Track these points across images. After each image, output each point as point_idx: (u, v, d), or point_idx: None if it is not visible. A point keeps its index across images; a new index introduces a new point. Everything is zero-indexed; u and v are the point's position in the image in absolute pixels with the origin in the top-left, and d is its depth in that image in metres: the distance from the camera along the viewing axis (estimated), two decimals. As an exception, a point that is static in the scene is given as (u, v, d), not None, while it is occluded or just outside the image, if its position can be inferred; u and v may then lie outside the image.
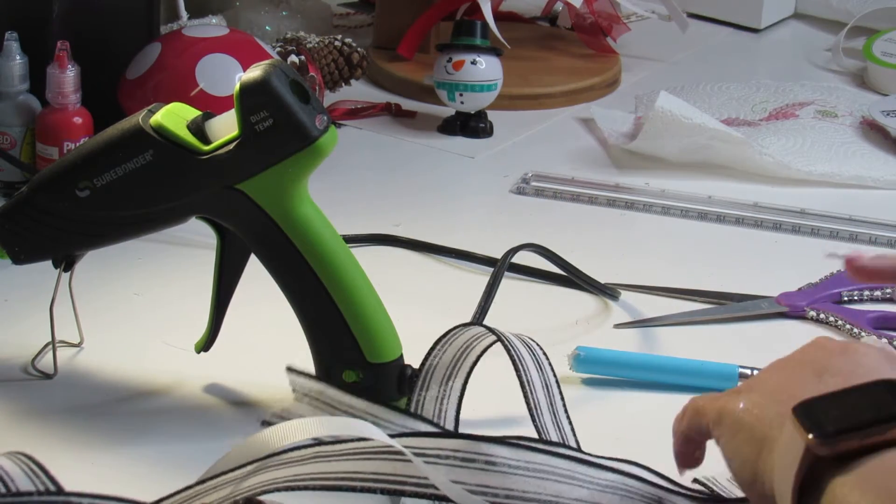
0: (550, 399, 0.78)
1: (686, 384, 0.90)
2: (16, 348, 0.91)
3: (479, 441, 0.66)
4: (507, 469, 0.65)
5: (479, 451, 0.65)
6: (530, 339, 0.82)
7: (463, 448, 0.66)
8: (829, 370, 0.64)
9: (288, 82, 0.80)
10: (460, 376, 0.81)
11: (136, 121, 0.82)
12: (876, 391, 0.60)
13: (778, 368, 0.67)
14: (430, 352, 0.82)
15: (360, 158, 1.26)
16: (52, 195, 0.83)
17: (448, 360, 0.82)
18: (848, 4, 1.62)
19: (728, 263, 1.09)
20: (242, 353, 0.91)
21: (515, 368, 0.78)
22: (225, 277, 0.85)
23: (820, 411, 0.59)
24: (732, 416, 0.65)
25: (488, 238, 1.08)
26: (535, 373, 0.79)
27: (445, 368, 0.81)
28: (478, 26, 1.28)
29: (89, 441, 0.82)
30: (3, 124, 1.11)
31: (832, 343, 0.68)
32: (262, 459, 0.65)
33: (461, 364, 0.81)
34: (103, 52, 1.17)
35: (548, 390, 0.79)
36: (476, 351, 0.81)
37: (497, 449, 0.65)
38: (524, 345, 0.81)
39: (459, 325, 0.83)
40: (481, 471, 0.65)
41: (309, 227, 0.82)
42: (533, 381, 0.78)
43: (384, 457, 0.65)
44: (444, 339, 0.82)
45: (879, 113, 1.30)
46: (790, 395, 0.63)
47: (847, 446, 0.58)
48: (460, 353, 0.82)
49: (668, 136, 1.23)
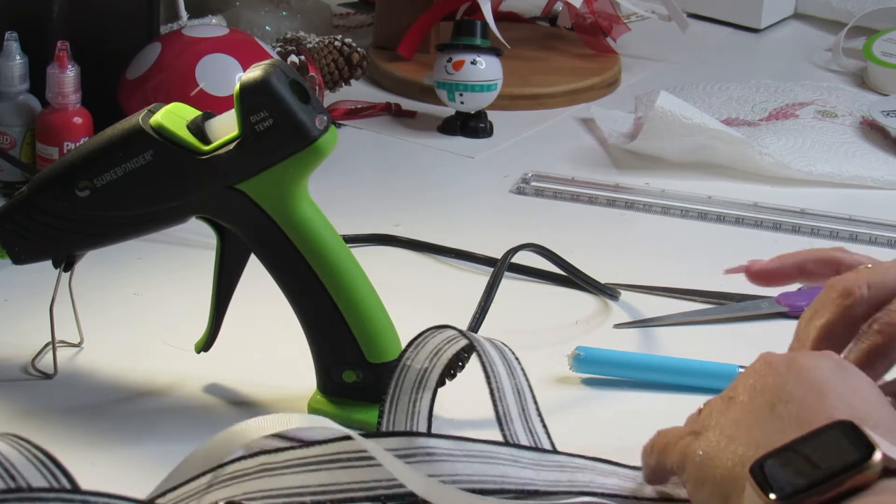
0: (522, 405, 0.77)
1: (686, 384, 0.90)
2: (16, 348, 0.91)
3: (416, 436, 0.67)
4: (448, 458, 0.66)
5: (417, 446, 0.66)
6: (502, 344, 0.80)
7: (401, 445, 0.66)
8: (782, 398, 0.63)
9: (288, 82, 0.80)
10: (428, 390, 0.78)
11: (136, 121, 0.82)
12: (831, 437, 0.59)
13: (729, 402, 0.66)
14: (399, 356, 0.79)
15: (360, 158, 1.26)
16: (52, 195, 0.83)
17: (416, 370, 0.79)
18: (848, 4, 1.62)
19: (728, 263, 1.09)
20: (242, 353, 0.91)
21: (486, 376, 0.76)
22: (225, 277, 0.85)
23: (776, 470, 0.58)
24: (694, 465, 0.64)
25: (488, 238, 1.08)
26: (507, 379, 0.77)
27: (413, 380, 0.78)
28: (478, 26, 1.28)
29: (89, 441, 0.82)
30: (3, 124, 1.11)
31: (777, 361, 0.66)
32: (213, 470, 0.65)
33: (429, 375, 0.79)
34: (103, 52, 1.17)
35: (519, 396, 0.77)
36: (446, 356, 0.79)
37: (434, 441, 0.66)
38: (496, 349, 0.79)
39: (430, 329, 0.80)
40: (424, 462, 0.66)
41: (309, 227, 0.82)
42: (503, 388, 0.76)
43: (328, 466, 0.65)
44: (414, 344, 0.79)
45: (879, 113, 1.30)
46: (747, 434, 0.62)
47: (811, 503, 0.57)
48: (431, 358, 0.79)
49: (668, 136, 1.23)
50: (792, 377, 0.64)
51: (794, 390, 0.63)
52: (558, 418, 0.81)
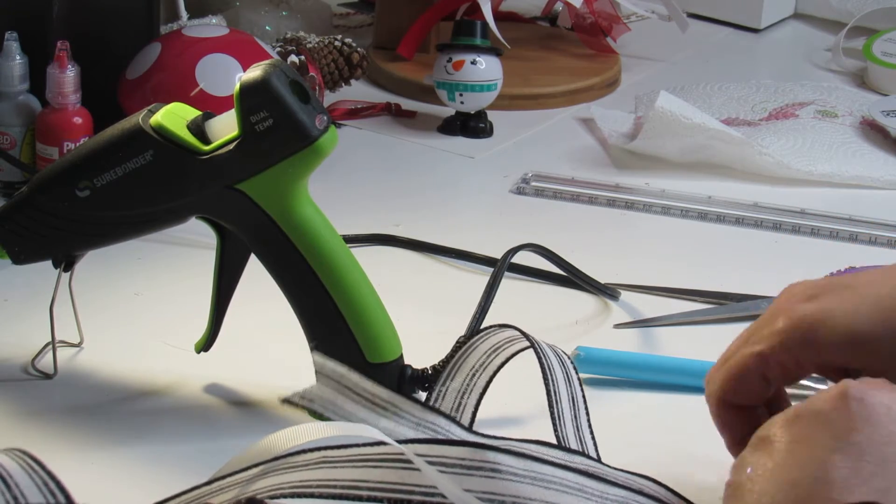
0: (575, 413, 0.77)
1: (686, 384, 0.90)
2: (16, 348, 0.91)
3: (485, 449, 0.65)
4: (512, 477, 0.64)
5: (484, 459, 0.64)
6: (563, 353, 0.81)
7: (469, 456, 0.64)
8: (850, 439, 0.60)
9: (288, 82, 0.80)
10: (486, 374, 0.81)
11: (136, 121, 0.82)
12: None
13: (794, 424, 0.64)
14: (459, 346, 0.83)
15: (360, 158, 1.26)
16: (52, 195, 0.83)
17: (476, 357, 0.81)
18: (848, 4, 1.62)
19: (728, 263, 1.09)
20: (242, 353, 0.91)
21: (545, 378, 0.77)
22: (225, 277, 0.85)
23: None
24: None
25: (488, 238, 1.08)
26: (564, 386, 0.78)
27: (472, 365, 0.81)
28: (478, 26, 1.28)
29: (89, 441, 0.82)
30: (3, 124, 1.11)
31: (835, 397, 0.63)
32: (269, 462, 0.65)
33: (489, 363, 0.81)
34: (103, 52, 1.17)
35: (573, 404, 0.78)
36: (506, 353, 0.81)
37: (503, 457, 0.65)
38: (556, 356, 0.80)
39: (494, 326, 0.83)
40: (487, 478, 0.64)
41: (309, 227, 0.82)
42: (560, 393, 0.77)
43: (391, 465, 0.64)
44: (477, 337, 0.82)
45: (879, 113, 1.30)
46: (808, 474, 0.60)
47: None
48: (490, 352, 0.81)
49: (668, 136, 1.23)
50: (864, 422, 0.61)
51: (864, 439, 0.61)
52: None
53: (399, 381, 0.85)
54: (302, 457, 0.65)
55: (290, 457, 0.65)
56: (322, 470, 0.64)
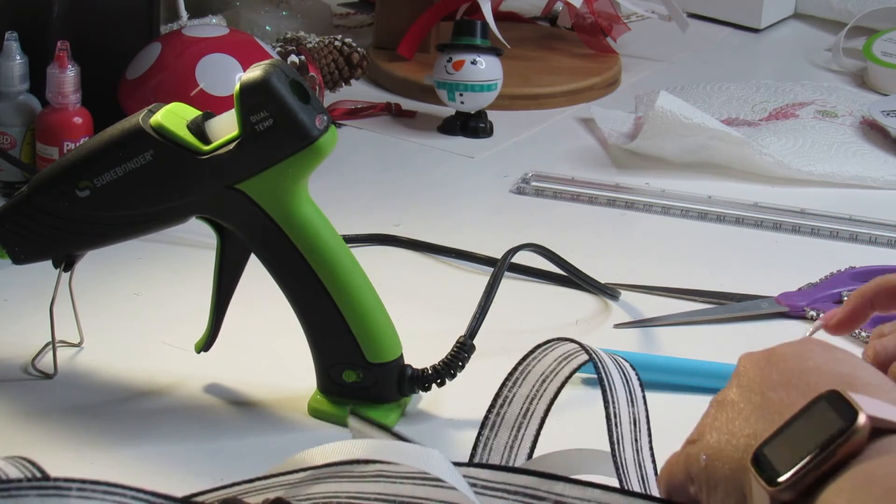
0: (636, 435, 0.74)
1: (686, 384, 0.90)
2: (16, 348, 0.91)
3: (550, 479, 0.63)
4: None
5: (549, 490, 0.63)
6: (629, 368, 0.75)
7: (532, 485, 0.63)
8: (770, 386, 0.63)
9: (288, 82, 0.80)
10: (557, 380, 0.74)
11: (136, 121, 0.82)
12: (818, 409, 0.58)
13: (720, 405, 0.65)
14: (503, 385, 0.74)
15: (360, 158, 1.26)
16: (52, 195, 0.83)
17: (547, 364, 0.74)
18: (848, 4, 1.62)
19: (728, 263, 1.09)
20: (242, 353, 0.91)
21: (604, 398, 0.72)
22: (225, 277, 0.85)
23: (773, 456, 0.58)
24: (701, 471, 0.64)
25: (488, 238, 1.08)
26: (625, 405, 0.73)
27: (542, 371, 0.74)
28: (478, 26, 1.28)
29: (89, 441, 0.82)
30: (3, 124, 1.11)
31: (757, 356, 0.65)
32: (318, 468, 0.64)
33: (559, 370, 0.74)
34: (103, 52, 1.17)
35: (635, 426, 0.74)
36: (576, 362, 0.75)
37: (568, 488, 0.63)
38: (619, 372, 0.74)
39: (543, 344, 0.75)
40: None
41: (309, 227, 0.82)
42: (620, 414, 0.73)
43: (449, 486, 0.62)
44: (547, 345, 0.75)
45: (879, 113, 1.30)
46: (746, 426, 0.62)
47: (806, 482, 0.57)
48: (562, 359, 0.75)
49: (668, 136, 1.23)
50: (773, 366, 0.64)
51: (778, 377, 0.63)
52: (558, 418, 0.81)
53: (399, 381, 0.85)
54: (357, 468, 0.64)
55: (341, 465, 0.64)
56: (379, 484, 0.63)
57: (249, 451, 0.82)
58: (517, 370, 0.75)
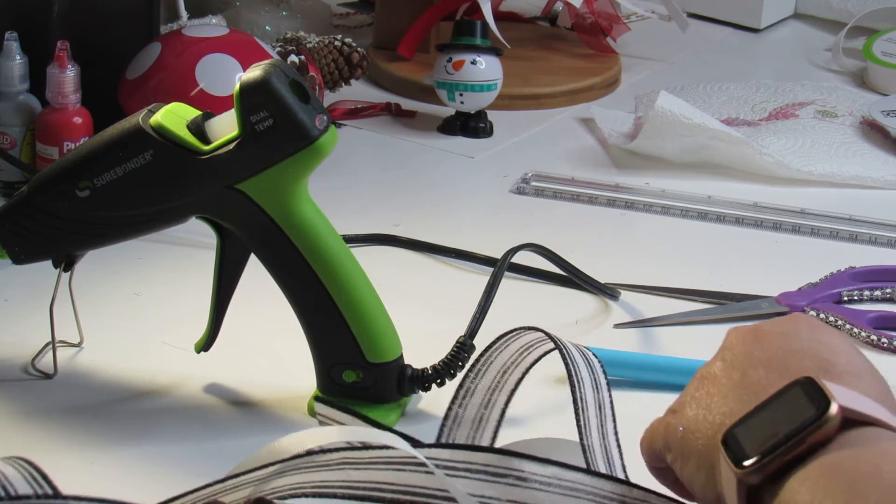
0: (601, 420, 0.74)
1: (686, 384, 0.90)
2: (16, 348, 0.91)
3: (511, 456, 0.64)
4: (538, 486, 0.63)
5: (509, 467, 0.63)
6: (593, 357, 0.76)
7: (493, 462, 0.63)
8: (751, 364, 0.63)
9: (288, 82, 0.80)
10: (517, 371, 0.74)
11: (136, 121, 0.82)
12: (792, 395, 0.59)
13: (703, 378, 0.66)
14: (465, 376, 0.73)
15: (360, 158, 1.26)
16: (52, 195, 0.83)
17: (508, 355, 0.74)
18: (848, 4, 1.62)
19: (728, 263, 1.09)
20: (242, 353, 0.91)
21: (571, 384, 0.72)
22: (225, 277, 0.85)
23: (743, 437, 0.59)
24: (677, 441, 0.64)
25: (488, 238, 1.08)
26: (591, 391, 0.73)
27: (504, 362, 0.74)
28: (478, 26, 1.28)
29: (89, 441, 0.82)
30: (3, 124, 1.11)
31: (744, 331, 0.66)
32: (286, 461, 0.64)
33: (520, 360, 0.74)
34: (103, 52, 1.17)
35: (600, 411, 0.74)
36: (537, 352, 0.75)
37: (528, 465, 0.64)
38: (584, 360, 0.75)
39: (522, 328, 0.75)
40: (511, 486, 0.63)
41: (309, 226, 0.82)
42: (586, 400, 0.73)
43: (414, 468, 0.62)
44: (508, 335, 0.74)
45: (879, 113, 1.30)
46: (723, 403, 0.62)
47: (773, 468, 0.57)
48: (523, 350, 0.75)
49: (668, 136, 1.23)
50: (758, 343, 0.64)
51: (761, 355, 0.63)
52: (559, 418, 0.81)
53: (399, 381, 0.85)
54: (322, 457, 0.64)
55: (308, 457, 0.64)
56: (344, 471, 0.63)
57: (249, 451, 0.82)
58: (479, 361, 0.74)
